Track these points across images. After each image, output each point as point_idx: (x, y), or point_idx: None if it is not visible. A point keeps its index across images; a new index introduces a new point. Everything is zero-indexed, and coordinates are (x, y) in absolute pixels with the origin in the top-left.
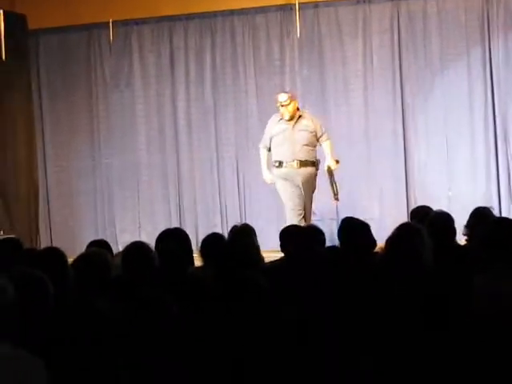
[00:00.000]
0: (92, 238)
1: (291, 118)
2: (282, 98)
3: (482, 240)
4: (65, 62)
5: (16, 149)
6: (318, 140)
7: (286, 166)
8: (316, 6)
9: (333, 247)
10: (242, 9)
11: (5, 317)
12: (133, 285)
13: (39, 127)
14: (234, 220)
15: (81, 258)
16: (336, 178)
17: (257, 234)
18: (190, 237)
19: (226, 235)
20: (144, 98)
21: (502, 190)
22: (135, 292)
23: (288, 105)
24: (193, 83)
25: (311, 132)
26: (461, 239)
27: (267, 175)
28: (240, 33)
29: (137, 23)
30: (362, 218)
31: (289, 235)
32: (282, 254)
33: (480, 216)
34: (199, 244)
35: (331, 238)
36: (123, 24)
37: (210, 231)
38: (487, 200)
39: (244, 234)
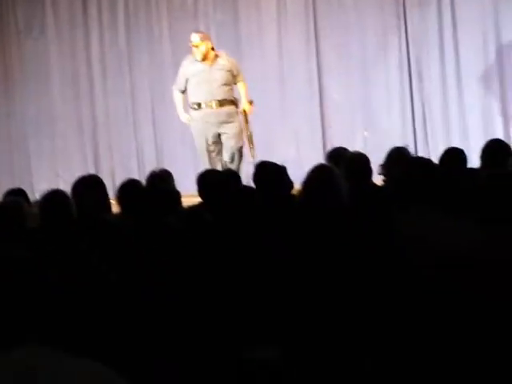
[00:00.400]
0: (8, 186)
1: (204, 58)
2: (194, 38)
3: (398, 180)
4: None
5: None
6: (234, 79)
7: (204, 107)
8: None
9: (248, 189)
10: None
11: None
12: (50, 234)
13: None
14: (151, 166)
15: None
16: (251, 121)
17: (175, 179)
18: (107, 184)
19: (143, 181)
20: (57, 46)
21: (417, 130)
22: (54, 243)
23: (200, 45)
24: (106, 29)
25: (228, 71)
26: (377, 179)
27: (184, 115)
28: None
29: None
30: (278, 160)
31: (205, 180)
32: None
33: (396, 155)
34: (116, 191)
35: (248, 181)
36: None
37: (126, 177)
38: (403, 140)
39: (162, 179)
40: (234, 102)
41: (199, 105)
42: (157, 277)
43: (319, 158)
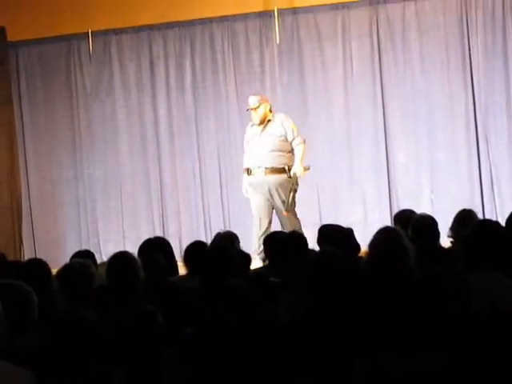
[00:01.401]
0: (76, 248)
1: (261, 122)
2: (252, 100)
3: (466, 242)
4: (45, 73)
5: None
6: (290, 144)
7: (253, 174)
8: (295, 12)
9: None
10: (221, 16)
11: None
12: (117, 295)
13: (21, 139)
14: (218, 229)
15: (65, 269)
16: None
17: (241, 242)
18: (174, 246)
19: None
20: (125, 108)
21: (484, 192)
22: (122, 304)
23: (257, 107)
24: (173, 91)
25: (280, 136)
26: (445, 242)
27: (243, 186)
28: (219, 40)
29: (116, 33)
30: (345, 222)
31: (270, 242)
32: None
33: (464, 218)
34: (183, 253)
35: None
36: (102, 34)
37: (193, 240)
38: (470, 202)
39: (227, 241)
40: (284, 171)
41: (249, 170)
42: (220, 336)
43: (386, 220)
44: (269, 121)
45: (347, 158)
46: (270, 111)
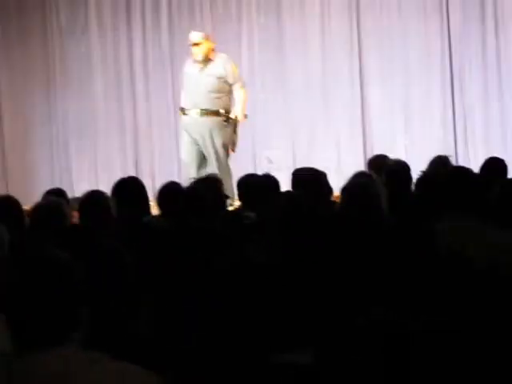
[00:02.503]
0: (48, 186)
1: (204, 59)
2: (194, 36)
3: (439, 188)
4: (19, 8)
5: None
6: (230, 87)
7: (186, 114)
8: None
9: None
10: None
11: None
12: (89, 233)
13: None
14: None
15: (37, 207)
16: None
17: None
18: (147, 186)
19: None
20: (100, 45)
21: (458, 139)
22: (92, 242)
23: (200, 43)
24: (149, 30)
25: (219, 77)
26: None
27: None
28: None
29: None
30: (319, 166)
31: (245, 186)
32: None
33: (438, 164)
34: (156, 193)
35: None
36: None
37: (166, 180)
38: (443, 148)
39: (209, 184)
40: (219, 114)
41: (183, 110)
42: (190, 278)
43: (360, 165)
44: (209, 60)
45: (322, 101)
46: (213, 50)
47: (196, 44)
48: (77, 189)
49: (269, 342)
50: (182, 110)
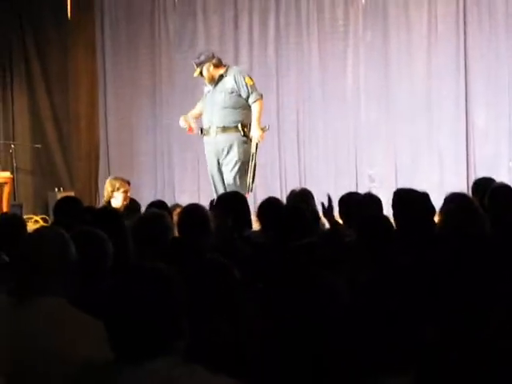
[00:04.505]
0: (151, 198)
1: (211, 81)
2: (195, 68)
3: None
4: (129, 18)
5: (78, 106)
6: (246, 101)
7: (205, 134)
8: None
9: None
10: None
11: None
12: (188, 247)
13: (102, 85)
14: (293, 186)
15: (140, 219)
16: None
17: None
18: (249, 201)
19: (283, 200)
20: None
21: None
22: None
23: (200, 72)
24: (255, 46)
25: (230, 92)
26: None
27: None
28: None
29: None
30: (420, 186)
31: (347, 204)
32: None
33: None
34: (257, 208)
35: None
36: None
37: (268, 196)
38: None
39: (302, 199)
40: (237, 129)
41: (202, 131)
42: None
43: (463, 186)
44: (221, 76)
45: (426, 121)
46: (219, 66)
47: (200, 74)
48: (178, 201)
49: (365, 365)
50: (201, 130)
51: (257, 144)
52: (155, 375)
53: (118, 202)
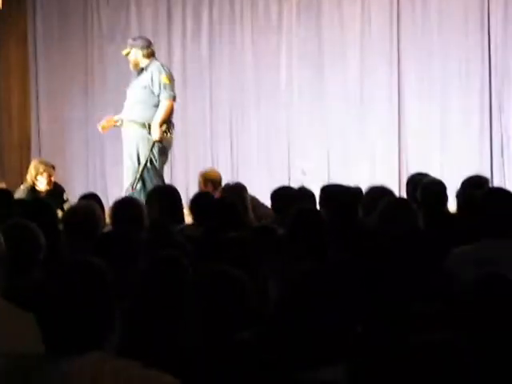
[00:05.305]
0: (82, 190)
1: (134, 68)
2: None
3: (473, 210)
4: (61, 11)
5: (9, 97)
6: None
7: (120, 125)
8: None
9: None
10: None
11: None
12: (120, 240)
13: (33, 77)
14: (226, 179)
15: (71, 211)
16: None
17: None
18: (181, 192)
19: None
20: None
21: (494, 159)
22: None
23: (128, 53)
24: (189, 39)
25: (144, 87)
26: (453, 206)
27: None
28: None
29: None
30: (352, 181)
31: (279, 198)
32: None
33: (473, 185)
34: (189, 201)
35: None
36: None
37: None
38: (479, 168)
39: (236, 193)
40: (145, 126)
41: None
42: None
43: (394, 180)
44: (142, 69)
45: (359, 116)
46: (148, 58)
47: (126, 54)
48: (110, 193)
49: (296, 358)
50: (118, 121)
51: (153, 144)
52: (86, 368)
53: (42, 185)
